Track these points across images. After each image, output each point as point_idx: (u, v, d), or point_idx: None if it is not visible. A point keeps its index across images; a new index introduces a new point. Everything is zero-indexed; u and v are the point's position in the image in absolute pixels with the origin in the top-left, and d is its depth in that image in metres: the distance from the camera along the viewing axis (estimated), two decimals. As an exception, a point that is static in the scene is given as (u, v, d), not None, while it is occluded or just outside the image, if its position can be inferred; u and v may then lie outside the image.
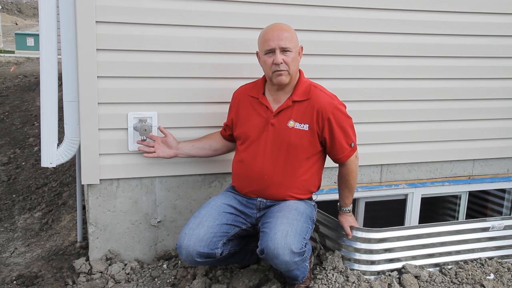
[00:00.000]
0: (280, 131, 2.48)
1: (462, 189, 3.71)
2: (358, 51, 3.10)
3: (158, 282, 2.78)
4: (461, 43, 3.31)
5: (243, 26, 2.83)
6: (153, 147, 2.74)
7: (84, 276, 2.79)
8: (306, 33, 2.85)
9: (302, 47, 2.53)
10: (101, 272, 2.81)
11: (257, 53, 2.56)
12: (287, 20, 2.61)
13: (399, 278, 2.73)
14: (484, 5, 3.30)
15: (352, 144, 2.57)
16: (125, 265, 2.88)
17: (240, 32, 2.83)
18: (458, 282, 2.77)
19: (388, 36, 3.14)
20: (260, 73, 2.62)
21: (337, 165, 2.66)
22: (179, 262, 2.91)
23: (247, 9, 2.82)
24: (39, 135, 2.80)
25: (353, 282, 2.59)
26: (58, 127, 2.76)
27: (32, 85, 8.10)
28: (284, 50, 2.41)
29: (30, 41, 13.65)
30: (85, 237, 3.24)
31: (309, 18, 2.94)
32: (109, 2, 2.60)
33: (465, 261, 2.94)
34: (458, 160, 3.58)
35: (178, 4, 2.71)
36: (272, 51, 2.42)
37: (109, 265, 2.86)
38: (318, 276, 2.61)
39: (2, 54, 13.04)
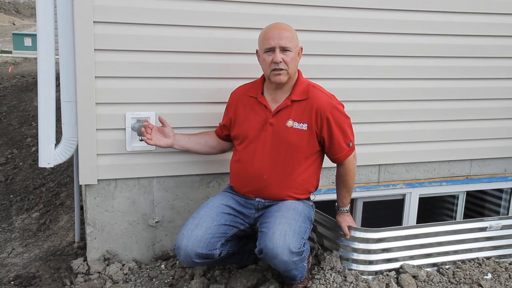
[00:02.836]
0: (279, 130, 2.49)
1: (459, 189, 3.72)
2: (356, 51, 3.10)
3: (156, 282, 2.77)
4: (459, 43, 3.32)
5: (242, 26, 2.83)
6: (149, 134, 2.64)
7: (82, 277, 2.78)
8: (305, 33, 2.85)
9: (302, 48, 2.53)
10: (99, 273, 2.80)
11: (256, 52, 2.56)
12: (287, 20, 2.61)
13: (397, 278, 2.74)
14: (484, 5, 3.30)
15: (350, 144, 2.57)
16: (123, 265, 2.87)
17: (239, 32, 2.83)
18: (456, 282, 2.78)
19: (386, 36, 3.14)
20: (259, 73, 2.62)
21: (335, 165, 2.66)
22: (177, 262, 2.90)
23: (247, 9, 2.82)
24: (37, 135, 2.79)
25: (351, 282, 2.59)
26: (56, 128, 2.76)
27: (29, 85, 8.08)
28: (284, 50, 2.41)
29: (28, 41, 13.60)
30: (83, 238, 3.24)
31: (309, 18, 2.94)
32: (106, 2, 2.59)
33: (463, 261, 2.95)
34: (456, 160, 3.58)
35: (176, 4, 2.71)
36: (272, 50, 2.42)
37: (107, 265, 2.85)
38: (316, 276, 2.61)
39: (-1, 54, 13.00)
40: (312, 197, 2.68)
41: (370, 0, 3.04)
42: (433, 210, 4.17)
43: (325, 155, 2.63)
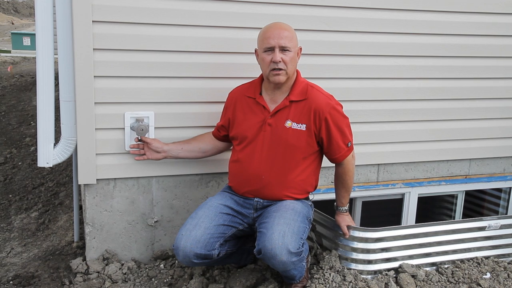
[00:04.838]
0: (278, 131, 2.48)
1: (458, 189, 3.72)
2: (355, 51, 3.10)
3: (155, 282, 2.77)
4: (458, 43, 3.32)
5: (241, 26, 2.83)
6: (143, 149, 2.76)
7: (81, 276, 2.78)
8: (304, 32, 2.85)
9: (301, 48, 2.53)
10: (98, 272, 2.80)
11: (255, 51, 2.56)
12: (286, 20, 2.61)
13: (396, 277, 2.74)
14: (484, 5, 3.30)
15: (349, 144, 2.57)
16: (122, 265, 2.87)
17: (238, 32, 2.83)
18: (455, 281, 2.78)
19: (386, 36, 3.14)
20: (258, 73, 2.62)
21: (334, 164, 2.66)
22: (176, 262, 2.90)
23: (245, 8, 2.82)
24: (36, 135, 2.80)
25: (350, 282, 2.59)
26: (55, 127, 2.76)
27: (28, 85, 8.08)
28: (283, 49, 2.41)
29: (27, 41, 13.58)
30: (82, 237, 3.24)
31: (308, 18, 2.94)
32: (105, 2, 2.59)
33: (462, 260, 2.95)
34: (455, 160, 3.59)
35: (175, 3, 2.70)
36: (271, 49, 2.42)
37: (106, 265, 2.85)
38: (315, 276, 2.62)
39: (-2, 54, 12.98)
40: (311, 197, 2.68)
41: (371, 0, 3.05)
42: (432, 209, 4.18)
43: (323, 155, 2.63)
